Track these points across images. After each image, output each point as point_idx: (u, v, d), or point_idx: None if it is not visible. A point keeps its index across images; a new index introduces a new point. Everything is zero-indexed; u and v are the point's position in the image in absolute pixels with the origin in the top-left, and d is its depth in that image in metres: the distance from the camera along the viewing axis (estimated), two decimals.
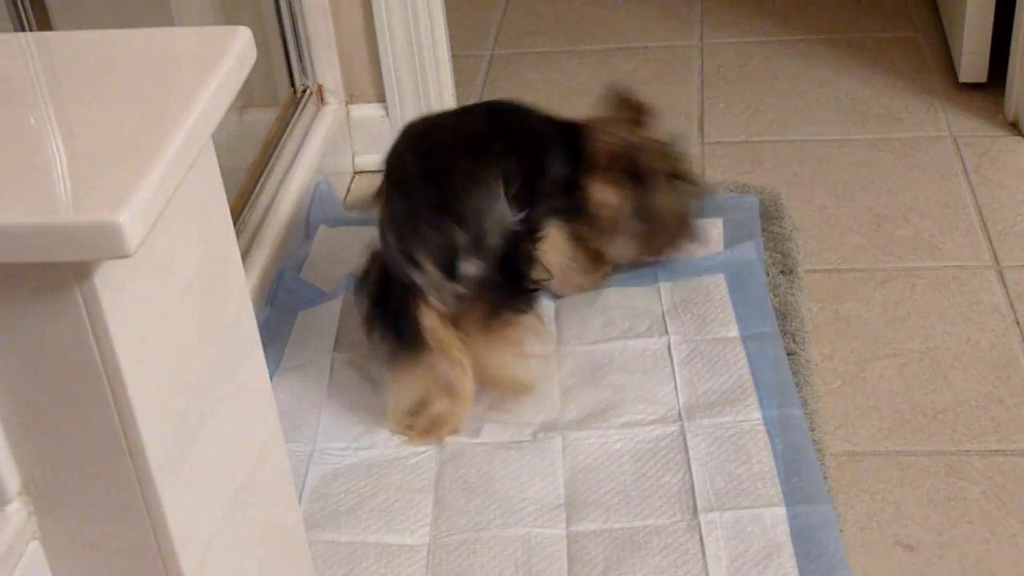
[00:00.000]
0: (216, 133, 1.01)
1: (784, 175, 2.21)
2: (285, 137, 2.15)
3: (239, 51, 1.01)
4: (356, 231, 2.08)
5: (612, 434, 1.65)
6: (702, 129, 2.36)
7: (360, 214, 2.15)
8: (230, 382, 1.11)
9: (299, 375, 1.78)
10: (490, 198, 1.65)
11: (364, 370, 1.78)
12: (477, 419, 1.69)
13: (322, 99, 2.27)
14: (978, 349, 1.79)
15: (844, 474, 1.60)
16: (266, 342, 1.73)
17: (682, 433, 1.64)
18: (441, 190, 1.66)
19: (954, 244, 2.00)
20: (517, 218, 1.67)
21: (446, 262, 1.61)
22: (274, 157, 2.11)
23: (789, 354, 1.76)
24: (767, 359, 1.75)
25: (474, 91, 2.53)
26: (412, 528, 1.55)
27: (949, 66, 2.47)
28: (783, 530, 1.49)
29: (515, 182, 1.69)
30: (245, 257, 1.89)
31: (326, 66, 2.24)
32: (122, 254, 0.84)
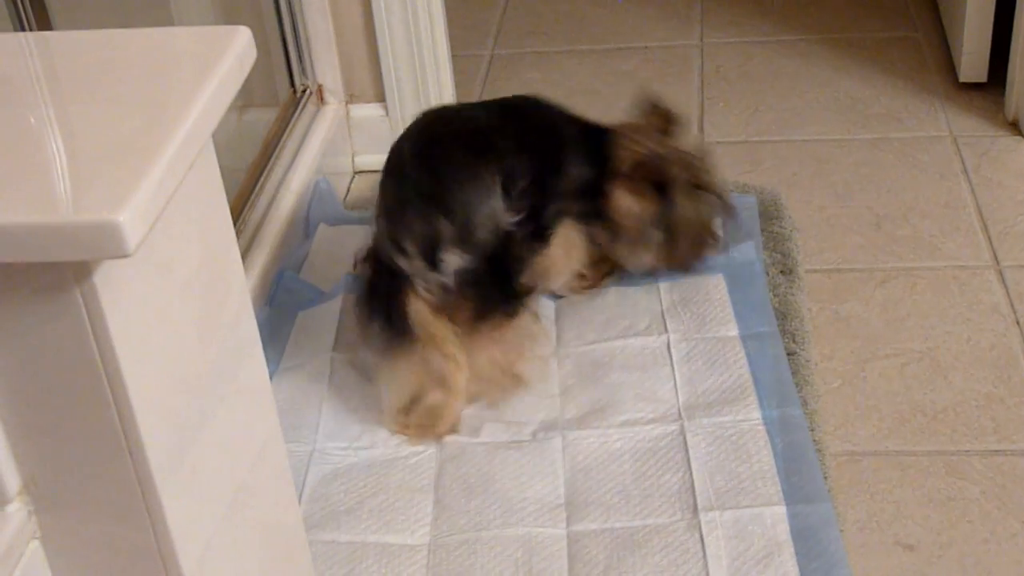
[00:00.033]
0: (216, 133, 1.01)
1: (784, 175, 2.21)
2: (285, 137, 2.15)
3: (239, 51, 1.01)
4: (356, 230, 2.08)
5: (612, 433, 1.65)
6: (702, 129, 2.36)
7: (360, 213, 2.15)
8: (230, 382, 1.11)
9: (299, 375, 1.78)
10: (483, 193, 1.65)
11: (364, 370, 1.78)
12: (477, 418, 1.70)
13: (322, 99, 2.27)
14: (978, 349, 1.79)
15: (844, 474, 1.60)
16: (266, 342, 1.73)
17: (682, 432, 1.64)
18: (432, 179, 1.66)
19: (954, 244, 2.00)
20: (515, 219, 1.67)
21: (429, 251, 1.61)
22: (274, 157, 2.10)
23: (789, 354, 1.76)
24: (767, 358, 1.75)
25: (474, 91, 2.53)
26: (412, 528, 1.55)
27: (949, 66, 2.47)
28: (783, 529, 1.49)
29: (521, 180, 1.69)
30: (245, 257, 1.89)
31: (326, 66, 2.24)
32: (122, 254, 0.84)
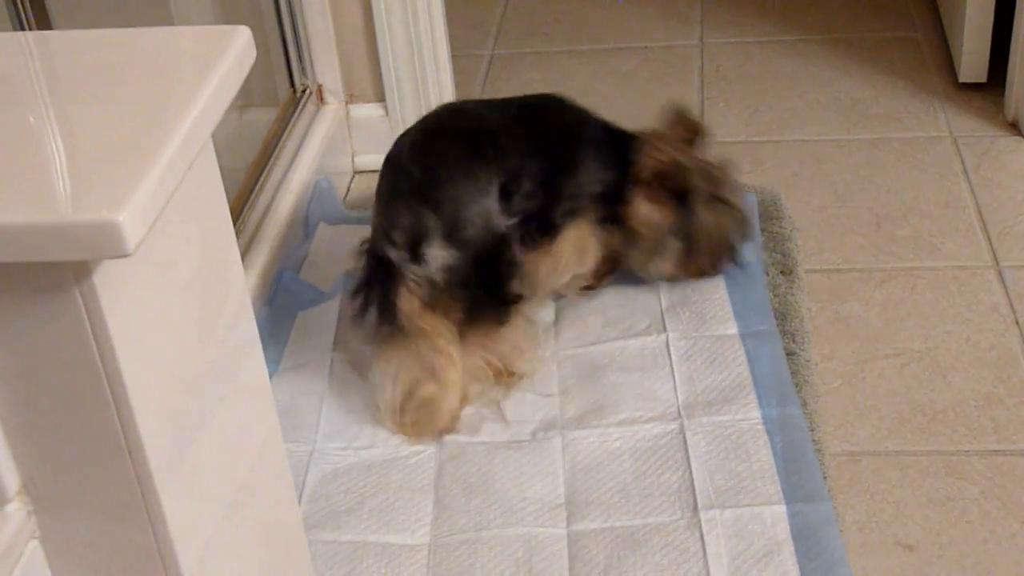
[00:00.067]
0: (216, 133, 1.01)
1: (784, 175, 2.21)
2: (285, 137, 2.15)
3: (239, 51, 1.01)
4: (356, 230, 2.07)
5: (612, 432, 1.65)
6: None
7: (360, 213, 2.15)
8: (229, 382, 1.11)
9: (298, 375, 1.78)
10: (476, 191, 1.65)
11: (362, 369, 1.78)
12: (477, 418, 1.70)
13: (322, 99, 2.27)
14: (978, 349, 1.79)
15: (844, 474, 1.60)
16: (265, 342, 1.73)
17: (682, 431, 1.64)
18: (425, 173, 1.67)
19: (954, 244, 2.00)
20: (512, 221, 1.67)
21: (413, 244, 1.62)
22: (274, 157, 2.10)
23: (789, 354, 1.76)
24: (766, 357, 1.74)
25: (474, 91, 2.53)
26: (412, 528, 1.55)
27: (949, 66, 2.47)
28: (783, 528, 1.49)
29: (528, 183, 1.69)
30: (245, 257, 1.89)
31: (326, 66, 2.24)
32: (121, 254, 0.84)
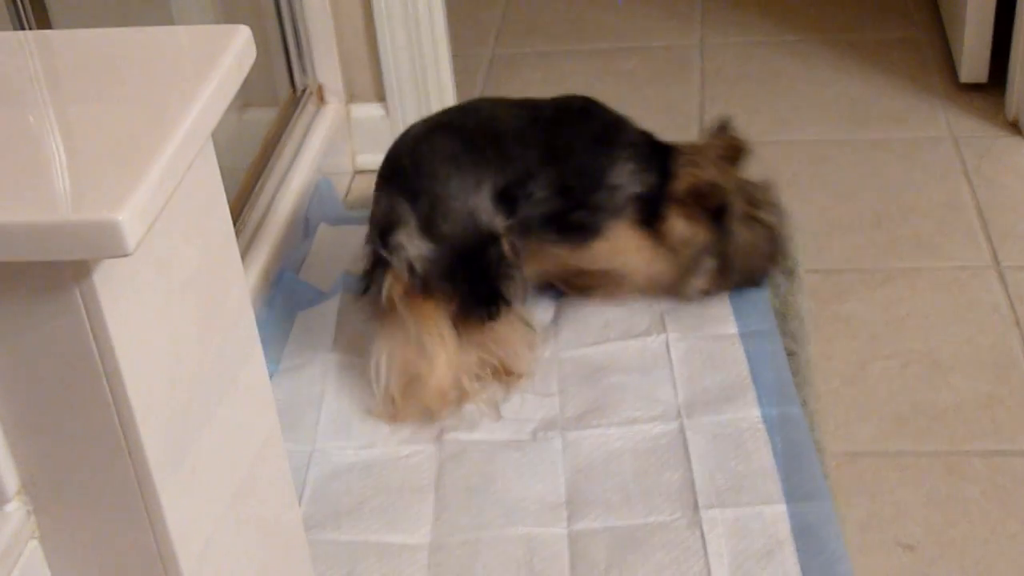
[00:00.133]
0: (216, 132, 1.01)
1: (784, 175, 2.20)
2: (285, 136, 2.15)
3: (238, 50, 1.01)
4: (357, 230, 2.07)
5: (612, 432, 1.65)
6: (702, 129, 2.36)
7: (361, 213, 2.15)
8: (229, 381, 1.10)
9: (298, 375, 1.78)
10: (460, 188, 1.65)
11: (363, 368, 1.78)
12: (476, 416, 1.69)
13: (322, 99, 2.27)
14: (978, 349, 1.78)
15: (844, 474, 1.60)
16: (265, 342, 1.73)
17: (682, 430, 1.64)
18: (413, 165, 1.68)
19: (954, 244, 2.00)
20: (510, 222, 1.67)
21: (382, 231, 1.65)
22: (274, 156, 2.10)
23: (789, 354, 1.76)
24: (766, 356, 1.74)
25: (474, 91, 2.53)
26: (413, 528, 1.55)
27: (950, 66, 2.47)
28: (784, 527, 1.49)
29: (538, 186, 1.69)
30: (245, 257, 1.89)
31: (326, 65, 2.24)
32: (121, 253, 0.84)
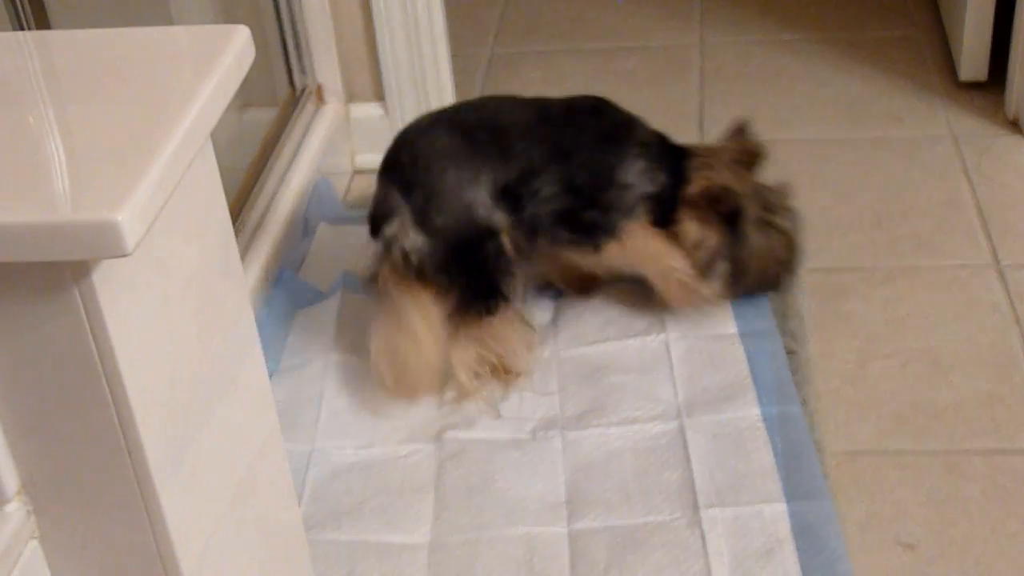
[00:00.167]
0: (215, 132, 1.01)
1: (784, 174, 2.20)
2: (284, 136, 2.15)
3: (237, 50, 1.01)
4: (356, 230, 2.08)
5: (612, 431, 1.65)
6: (702, 128, 2.36)
7: (360, 213, 2.15)
8: (229, 381, 1.10)
9: (298, 374, 1.78)
10: (456, 182, 1.66)
11: (363, 367, 1.78)
12: (475, 414, 1.70)
13: (321, 98, 2.26)
14: (978, 348, 1.78)
15: (844, 473, 1.60)
16: (265, 342, 1.73)
17: (681, 430, 1.64)
18: (411, 157, 1.69)
19: (954, 243, 2.00)
20: (512, 218, 1.68)
21: (374, 221, 1.69)
22: (273, 156, 2.10)
23: (789, 353, 1.76)
24: (766, 355, 1.74)
25: (473, 91, 2.53)
26: (413, 527, 1.55)
27: (949, 65, 2.47)
28: (784, 526, 1.49)
29: (544, 183, 1.69)
30: (244, 256, 1.89)
31: (325, 65, 2.24)
32: (120, 253, 0.84)
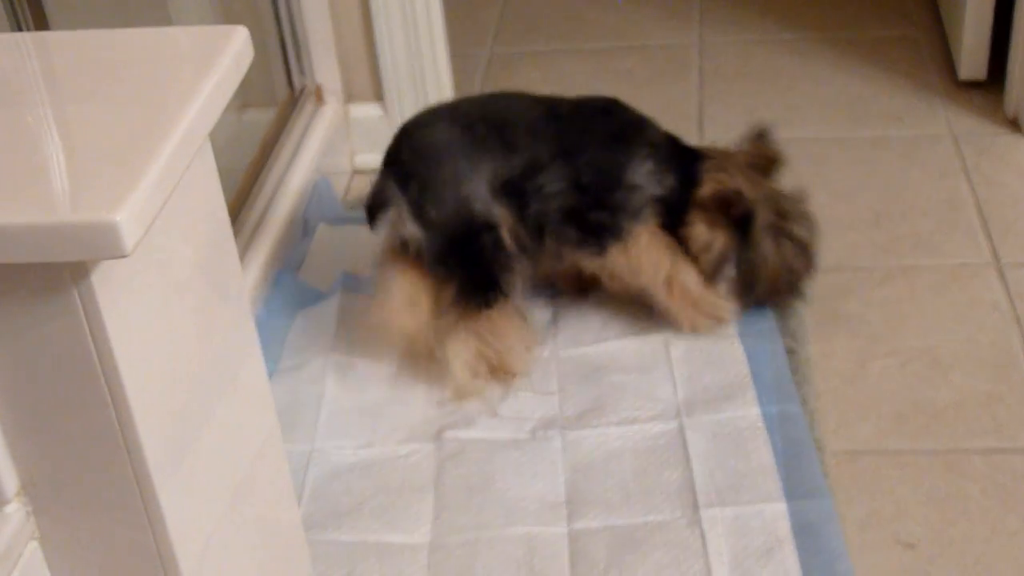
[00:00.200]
0: (214, 133, 1.01)
1: (783, 174, 2.20)
2: (283, 137, 2.15)
3: (236, 50, 1.01)
4: (356, 230, 2.08)
5: (611, 431, 1.65)
6: (701, 128, 2.36)
7: (359, 213, 2.15)
8: (228, 382, 1.10)
9: (297, 375, 1.78)
10: (454, 175, 1.66)
11: (362, 368, 1.78)
12: (475, 413, 1.70)
13: (320, 99, 2.26)
14: (978, 347, 1.78)
15: (844, 472, 1.60)
16: (264, 342, 1.73)
17: (681, 429, 1.64)
18: (412, 149, 1.70)
19: (954, 242, 2.00)
20: (514, 214, 1.68)
21: (371, 209, 1.71)
22: (272, 157, 2.10)
23: (789, 352, 1.76)
24: (765, 355, 1.74)
25: (472, 90, 2.53)
26: (413, 527, 1.55)
27: (949, 64, 2.47)
28: (784, 525, 1.49)
29: (549, 179, 1.69)
30: (243, 256, 1.89)
31: (324, 66, 2.24)
32: (119, 254, 0.84)
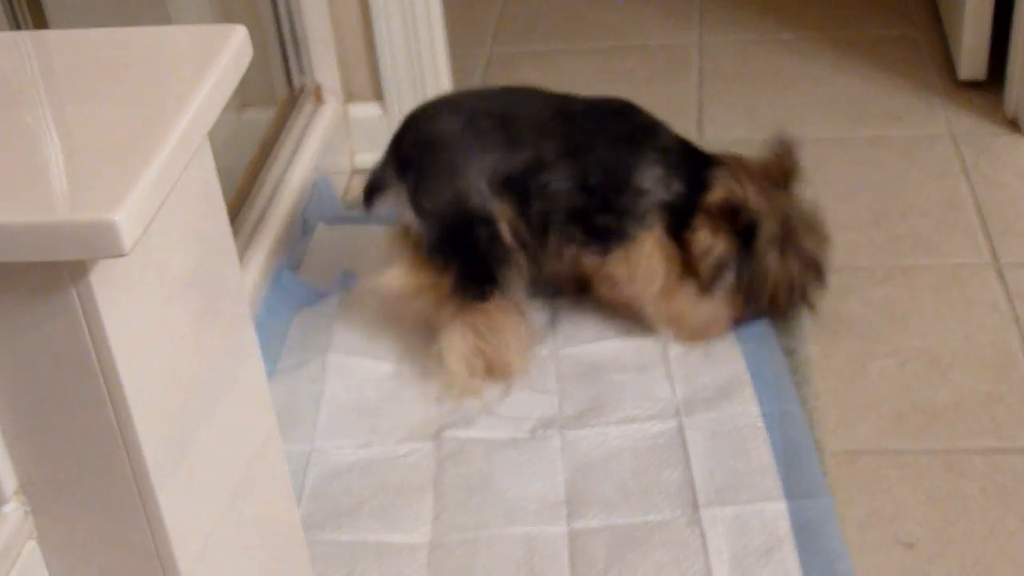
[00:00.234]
0: (214, 132, 1.01)
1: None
2: (283, 136, 2.15)
3: (235, 50, 1.01)
4: (355, 230, 2.08)
5: (611, 431, 1.65)
6: (700, 127, 2.36)
7: (359, 212, 2.15)
8: (227, 381, 1.10)
9: (296, 374, 1.78)
10: (450, 167, 1.68)
11: (361, 368, 1.78)
12: (474, 412, 1.70)
13: (320, 98, 2.26)
14: (977, 347, 1.78)
15: (843, 472, 1.60)
16: (263, 342, 1.73)
17: (680, 428, 1.64)
18: (415, 137, 1.73)
19: (953, 242, 2.00)
20: (515, 209, 1.69)
21: (368, 189, 1.76)
22: (272, 156, 2.10)
23: (788, 352, 1.76)
24: (763, 354, 1.74)
25: None
26: (412, 527, 1.55)
27: (948, 64, 2.47)
28: (784, 524, 1.49)
29: (555, 178, 1.70)
30: (242, 256, 1.89)
31: (324, 65, 2.24)
32: (118, 253, 0.84)
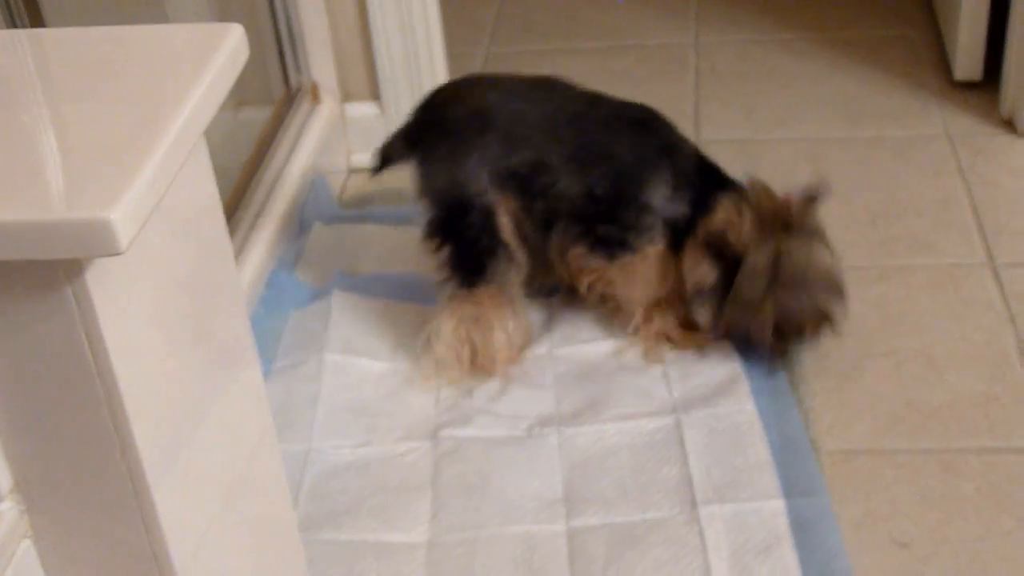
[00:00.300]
0: (210, 131, 1.01)
1: (778, 173, 2.20)
2: (279, 135, 2.15)
3: (231, 48, 1.01)
4: (352, 228, 2.08)
5: (608, 428, 1.65)
6: (697, 127, 2.36)
7: (355, 211, 2.15)
8: (223, 380, 1.10)
9: (293, 374, 1.78)
10: (452, 152, 1.71)
11: (358, 367, 1.78)
12: (470, 410, 1.70)
13: (317, 97, 2.26)
14: (973, 347, 1.79)
15: (839, 472, 1.60)
16: (259, 341, 1.72)
17: (678, 426, 1.64)
18: (425, 117, 1.78)
19: (949, 242, 2.00)
20: (515, 204, 1.69)
21: (380, 154, 1.83)
22: (268, 155, 2.10)
23: (783, 352, 1.76)
24: (759, 355, 1.74)
25: None
26: (410, 526, 1.55)
27: (944, 64, 2.47)
28: (782, 522, 1.49)
29: (561, 178, 1.70)
30: (239, 255, 1.89)
31: (321, 64, 2.24)
32: (114, 252, 0.84)
